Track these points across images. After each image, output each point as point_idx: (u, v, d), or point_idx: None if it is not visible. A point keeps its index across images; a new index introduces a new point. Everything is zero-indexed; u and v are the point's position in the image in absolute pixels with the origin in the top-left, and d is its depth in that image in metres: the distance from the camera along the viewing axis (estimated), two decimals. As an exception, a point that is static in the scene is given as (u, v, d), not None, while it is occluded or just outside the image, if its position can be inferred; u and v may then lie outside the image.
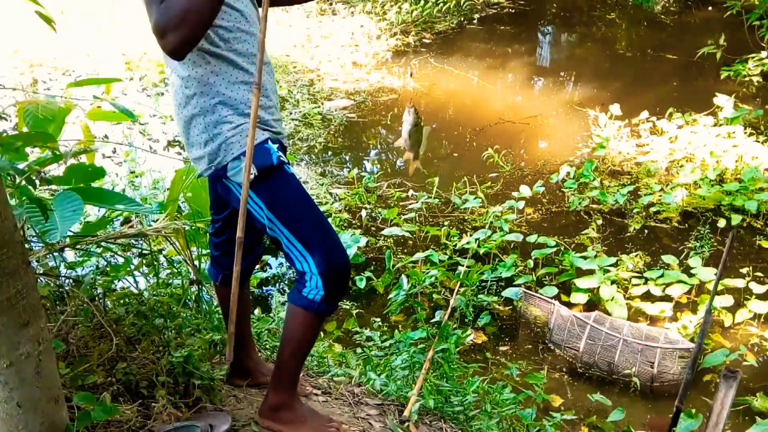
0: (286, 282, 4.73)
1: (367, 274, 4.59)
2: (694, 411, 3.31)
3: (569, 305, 4.40)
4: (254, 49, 2.07)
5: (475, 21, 10.15)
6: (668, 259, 4.70)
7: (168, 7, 1.79)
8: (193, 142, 2.07)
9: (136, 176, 5.53)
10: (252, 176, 1.98)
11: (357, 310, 4.34)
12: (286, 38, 9.32)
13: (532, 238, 4.93)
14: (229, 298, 2.15)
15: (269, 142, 2.06)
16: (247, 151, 1.92)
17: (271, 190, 2.04)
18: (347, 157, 6.60)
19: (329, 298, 2.07)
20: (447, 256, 4.78)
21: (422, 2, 10.07)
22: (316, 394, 2.63)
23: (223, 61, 2.02)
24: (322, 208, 5.31)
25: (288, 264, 2.21)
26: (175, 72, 2.05)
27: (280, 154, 2.07)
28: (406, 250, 5.00)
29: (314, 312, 2.07)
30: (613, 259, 4.67)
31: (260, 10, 1.98)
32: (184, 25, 1.80)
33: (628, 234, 5.16)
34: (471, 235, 5.01)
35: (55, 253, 2.72)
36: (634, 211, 5.34)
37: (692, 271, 4.53)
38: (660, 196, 5.42)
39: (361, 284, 4.51)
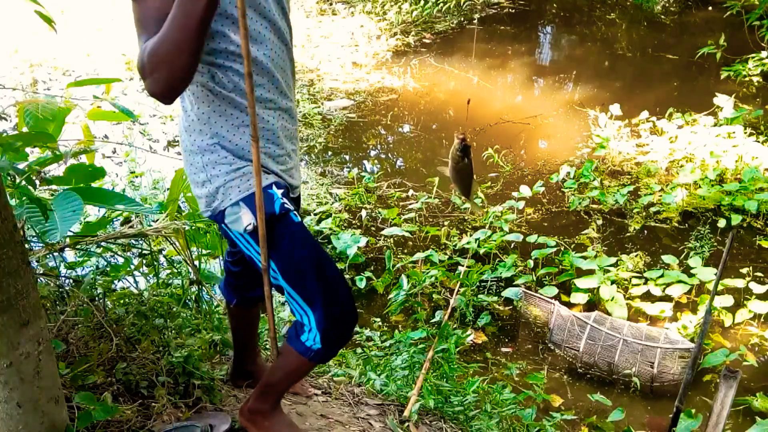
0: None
1: (367, 274, 4.59)
2: (694, 411, 3.31)
3: (569, 305, 4.40)
4: (271, 94, 1.91)
5: (475, 21, 10.15)
6: (668, 259, 4.70)
7: (145, 49, 1.65)
8: (192, 179, 1.97)
9: (136, 176, 5.53)
10: (250, 226, 1.88)
11: (357, 310, 4.33)
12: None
13: (532, 238, 4.93)
14: (244, 318, 2.18)
15: (274, 187, 1.91)
16: (257, 193, 1.82)
17: (273, 240, 1.90)
18: (347, 157, 6.60)
19: (327, 350, 2.00)
20: (447, 256, 4.78)
21: (422, 2, 10.07)
22: (317, 394, 2.63)
23: (228, 104, 1.87)
24: (321, 209, 5.37)
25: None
26: (181, 102, 1.95)
27: (286, 201, 1.91)
28: (406, 251, 5.00)
29: (309, 359, 2.00)
30: (613, 259, 4.67)
31: (266, 54, 1.87)
32: (161, 68, 1.63)
33: (628, 234, 5.16)
34: (471, 235, 5.01)
35: (55, 253, 2.72)
36: (634, 211, 5.34)
37: (692, 271, 4.52)
38: (660, 196, 5.42)
39: (361, 284, 4.52)
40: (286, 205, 1.90)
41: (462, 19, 10.11)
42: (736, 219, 5.06)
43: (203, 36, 1.64)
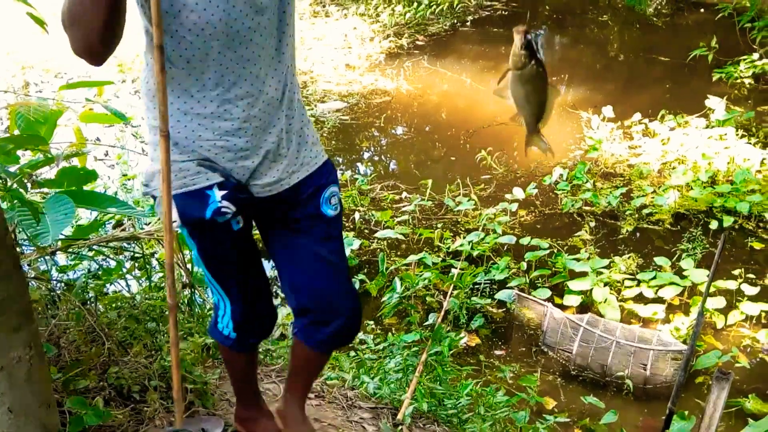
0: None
1: (361, 276, 4.59)
2: (686, 413, 3.31)
3: (562, 307, 4.41)
4: (233, 75, 1.63)
5: (468, 23, 10.16)
6: (661, 260, 4.71)
7: (63, 3, 1.48)
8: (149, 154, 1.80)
9: (129, 179, 5.51)
10: (175, 224, 1.72)
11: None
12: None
13: (525, 241, 4.94)
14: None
15: (215, 188, 1.70)
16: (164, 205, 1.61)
17: (200, 240, 1.81)
18: (340, 160, 6.60)
19: (241, 341, 1.98)
20: (440, 259, 4.78)
21: (415, 4, 10.07)
22: (310, 398, 2.62)
23: (178, 84, 1.63)
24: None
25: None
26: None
27: (226, 205, 1.71)
28: (399, 253, 5.00)
29: (229, 348, 2.00)
30: (605, 261, 4.68)
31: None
32: (75, 26, 1.47)
33: (621, 236, 5.17)
34: (464, 238, 5.01)
35: (47, 257, 2.71)
36: (627, 213, 5.35)
37: (684, 273, 4.54)
38: (652, 198, 5.43)
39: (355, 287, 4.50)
40: (223, 209, 1.71)
41: (455, 21, 10.11)
42: (728, 221, 5.07)
43: None
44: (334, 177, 1.93)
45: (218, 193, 1.69)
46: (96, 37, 1.47)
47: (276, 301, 2.34)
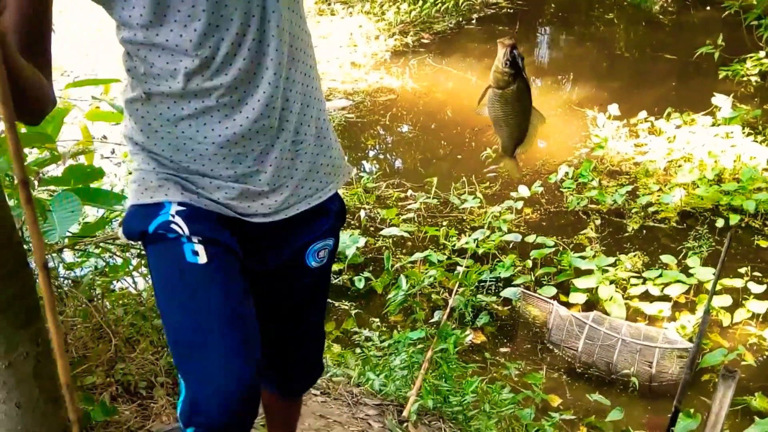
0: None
1: (366, 274, 4.59)
2: (692, 411, 3.31)
3: (568, 305, 4.40)
4: (209, 80, 1.29)
5: (473, 21, 10.15)
6: (667, 258, 4.71)
7: None
8: None
9: (135, 177, 5.52)
10: (121, 238, 1.45)
11: (356, 311, 4.34)
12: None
13: (530, 238, 4.94)
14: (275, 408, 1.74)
15: (175, 206, 1.36)
16: None
17: (150, 259, 1.43)
18: (346, 157, 6.59)
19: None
20: (446, 257, 4.78)
21: (421, 2, 10.06)
22: (315, 395, 2.63)
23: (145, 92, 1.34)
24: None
25: None
26: None
27: (179, 225, 1.34)
28: (404, 251, 5.00)
29: None
30: (611, 259, 4.67)
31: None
32: None
33: (627, 234, 5.16)
34: (470, 236, 5.01)
35: (54, 254, 2.72)
36: (633, 211, 5.34)
37: (691, 271, 4.53)
38: (658, 196, 5.42)
39: (360, 284, 4.51)
40: (173, 226, 1.34)
41: (460, 19, 10.10)
42: (734, 219, 5.06)
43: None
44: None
45: (174, 208, 1.36)
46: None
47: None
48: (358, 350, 3.55)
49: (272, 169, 1.40)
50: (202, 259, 1.33)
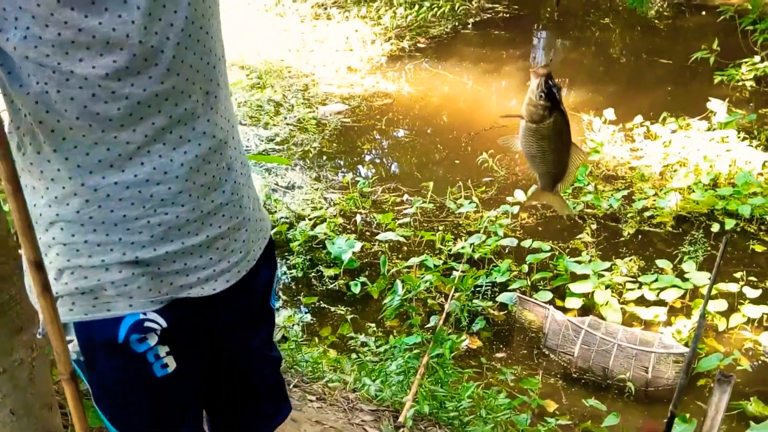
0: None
1: (362, 279, 4.59)
2: (688, 416, 3.31)
3: (564, 310, 4.40)
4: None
5: (469, 26, 10.17)
6: (662, 263, 4.71)
7: None
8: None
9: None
10: (73, 354, 1.25)
11: (351, 316, 4.33)
12: (281, 42, 9.32)
13: (526, 243, 4.94)
14: None
15: (144, 325, 1.21)
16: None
17: (96, 375, 1.33)
18: (342, 162, 6.60)
19: None
20: (442, 261, 4.78)
21: (417, 7, 10.08)
22: (311, 400, 2.63)
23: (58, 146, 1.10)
24: (316, 213, 5.37)
25: None
26: None
27: (156, 350, 1.23)
28: (400, 255, 5.00)
29: None
30: (607, 264, 4.68)
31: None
32: None
33: (623, 239, 5.16)
34: (465, 240, 5.01)
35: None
36: (628, 215, 5.35)
37: (686, 276, 4.53)
38: (654, 200, 5.43)
39: (356, 289, 4.51)
40: (148, 350, 1.24)
41: (456, 23, 10.12)
42: (729, 223, 5.07)
43: None
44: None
45: (148, 324, 1.22)
46: None
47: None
48: (354, 355, 3.55)
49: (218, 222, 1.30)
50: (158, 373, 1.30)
